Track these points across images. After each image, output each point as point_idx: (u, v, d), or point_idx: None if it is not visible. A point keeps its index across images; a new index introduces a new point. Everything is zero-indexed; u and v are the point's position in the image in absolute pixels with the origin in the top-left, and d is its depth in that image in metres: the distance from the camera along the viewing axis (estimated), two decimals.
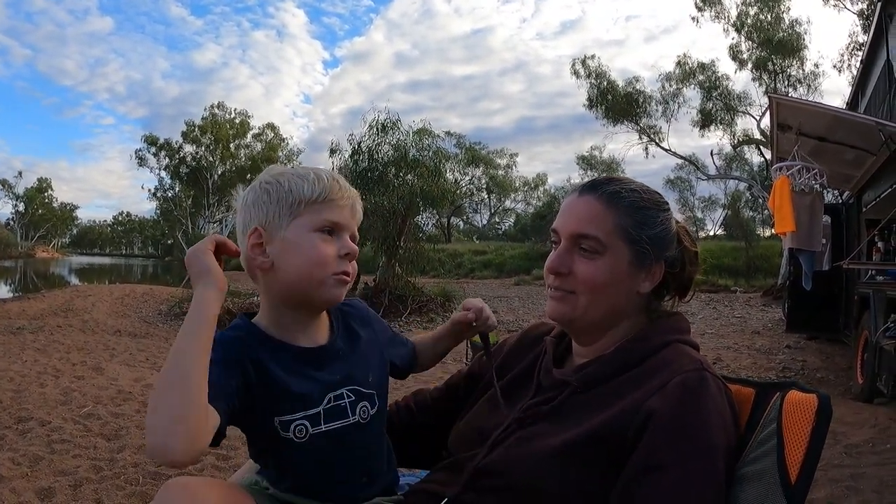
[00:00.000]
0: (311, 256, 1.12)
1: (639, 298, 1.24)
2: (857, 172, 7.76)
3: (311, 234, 1.13)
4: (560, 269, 1.22)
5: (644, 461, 1.01)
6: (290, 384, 1.12)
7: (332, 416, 1.16)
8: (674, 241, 1.25)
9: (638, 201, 1.22)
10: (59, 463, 3.65)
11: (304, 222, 1.13)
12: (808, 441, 0.96)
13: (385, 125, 14.99)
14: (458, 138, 46.58)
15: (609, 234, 1.19)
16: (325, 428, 1.15)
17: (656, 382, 1.09)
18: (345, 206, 1.17)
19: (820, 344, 9.61)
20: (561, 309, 1.23)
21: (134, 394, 5.42)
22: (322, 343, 1.21)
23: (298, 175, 1.15)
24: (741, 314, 14.75)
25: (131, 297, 15.97)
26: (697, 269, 1.31)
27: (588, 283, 1.19)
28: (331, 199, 1.14)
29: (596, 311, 1.21)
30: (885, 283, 6.11)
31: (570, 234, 1.21)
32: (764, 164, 25.73)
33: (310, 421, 1.13)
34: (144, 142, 53.14)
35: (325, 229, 1.14)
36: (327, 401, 1.16)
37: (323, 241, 1.13)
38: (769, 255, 24.66)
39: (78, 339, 8.84)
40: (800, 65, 23.53)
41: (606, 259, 1.19)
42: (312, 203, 1.13)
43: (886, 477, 3.85)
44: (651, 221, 1.21)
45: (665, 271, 1.24)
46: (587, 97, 26.72)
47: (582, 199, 1.23)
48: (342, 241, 1.16)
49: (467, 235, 57.18)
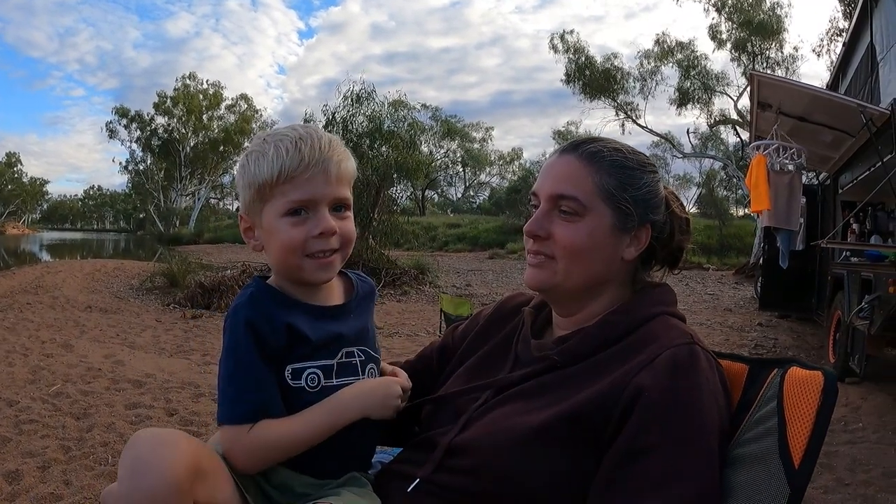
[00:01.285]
0: (282, 243, 1.09)
1: (623, 266, 1.17)
2: (834, 154, 7.81)
3: (280, 219, 1.08)
4: (538, 231, 1.15)
5: (633, 442, 0.96)
6: (308, 332, 1.09)
7: (344, 371, 1.14)
8: (661, 206, 1.18)
9: (621, 160, 1.15)
10: (27, 444, 3.55)
11: (273, 208, 1.08)
12: (813, 422, 0.91)
13: (360, 96, 14.88)
14: (433, 111, 46.57)
15: (589, 194, 1.12)
16: (336, 382, 1.12)
17: (643, 357, 1.03)
18: (313, 175, 1.07)
19: (791, 322, 9.77)
20: (540, 276, 1.17)
21: (104, 371, 5.31)
22: (337, 303, 1.18)
23: (261, 152, 1.08)
24: (713, 291, 14.94)
25: (102, 272, 15.69)
26: (688, 238, 1.24)
27: (567, 247, 1.13)
28: (291, 176, 1.06)
29: (577, 277, 1.14)
30: (859, 264, 6.18)
31: (548, 194, 1.15)
32: (739, 145, 25.98)
33: (323, 372, 1.11)
34: (115, 114, 52.31)
35: (292, 210, 1.08)
36: (341, 355, 1.14)
37: (292, 226, 1.08)
38: (742, 234, 25.01)
39: (48, 317, 8.65)
40: (779, 47, 23.68)
41: (587, 222, 1.12)
42: (275, 185, 1.07)
43: (858, 455, 3.92)
44: (636, 182, 1.14)
45: (651, 237, 1.17)
46: (565, 72, 26.68)
47: (562, 159, 1.17)
48: (315, 219, 1.08)
49: (441, 208, 57.13)
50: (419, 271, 14.46)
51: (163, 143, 51.64)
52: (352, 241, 1.14)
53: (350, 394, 1.11)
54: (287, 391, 1.08)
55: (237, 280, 10.71)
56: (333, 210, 1.11)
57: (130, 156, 54.74)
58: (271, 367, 1.07)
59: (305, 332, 1.09)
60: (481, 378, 1.24)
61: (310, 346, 1.10)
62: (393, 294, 12.57)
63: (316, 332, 1.11)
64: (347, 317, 1.17)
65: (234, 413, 1.05)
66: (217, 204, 66.57)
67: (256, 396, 1.05)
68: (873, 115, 5.66)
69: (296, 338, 1.08)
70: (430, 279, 14.47)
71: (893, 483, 3.52)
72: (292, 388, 1.08)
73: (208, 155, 52.61)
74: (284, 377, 1.08)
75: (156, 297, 11.54)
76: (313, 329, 1.10)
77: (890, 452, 3.98)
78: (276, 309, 1.09)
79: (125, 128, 52.02)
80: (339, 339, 1.14)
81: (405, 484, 1.11)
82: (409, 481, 1.11)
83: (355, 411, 1.09)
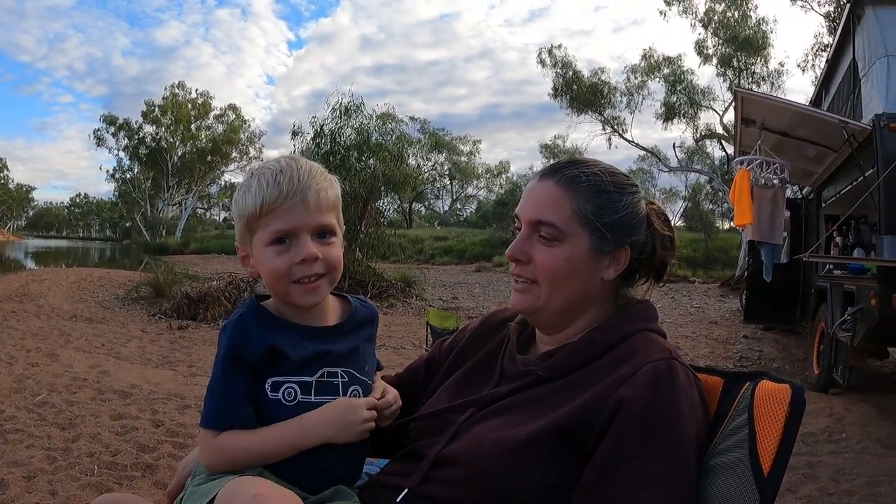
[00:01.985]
0: (269, 271, 1.15)
1: (604, 285, 1.20)
2: (817, 168, 7.91)
3: (265, 249, 1.14)
4: (519, 256, 1.20)
5: (614, 452, 0.99)
6: (288, 350, 1.14)
7: (324, 390, 1.17)
8: (641, 226, 1.20)
9: (598, 185, 1.18)
10: (12, 453, 3.52)
11: (259, 238, 1.15)
12: (781, 432, 0.95)
13: (348, 108, 14.90)
14: (421, 123, 46.66)
15: (567, 220, 1.16)
16: (315, 400, 1.16)
17: (624, 371, 1.07)
18: (292, 206, 1.12)
19: (776, 335, 9.84)
20: (524, 301, 1.21)
21: (89, 381, 5.28)
22: (328, 324, 1.23)
23: (248, 186, 1.15)
24: (699, 304, 15.03)
25: (88, 281, 15.57)
26: (672, 253, 1.27)
27: (547, 271, 1.16)
28: (272, 208, 1.12)
29: (558, 300, 1.18)
30: (842, 276, 6.25)
31: (528, 220, 1.19)
32: (725, 159, 26.18)
33: (300, 387, 1.15)
34: (103, 121, 52.02)
35: (276, 240, 1.14)
36: (321, 374, 1.17)
37: (276, 255, 1.14)
38: (727, 248, 25.18)
39: (33, 325, 8.58)
40: (764, 63, 23.91)
41: (565, 247, 1.15)
42: (259, 217, 1.13)
43: (842, 465, 3.96)
44: (613, 206, 1.17)
45: (632, 257, 1.20)
46: (552, 86, 26.78)
47: (541, 184, 1.20)
48: (297, 247, 1.13)
49: (429, 221, 57.14)
50: (406, 284, 14.47)
51: (150, 152, 51.37)
52: (337, 266, 1.19)
53: (314, 417, 1.14)
54: (265, 403, 1.14)
55: (223, 291, 10.66)
56: (317, 237, 1.16)
57: (118, 164, 54.46)
58: (247, 381, 1.13)
59: (286, 352, 1.14)
60: (468, 391, 1.26)
61: (290, 363, 1.15)
62: (379, 306, 12.55)
63: (298, 351, 1.15)
64: (338, 338, 1.21)
65: (205, 419, 1.14)
66: (204, 214, 66.35)
67: (226, 408, 1.13)
68: (855, 131, 5.75)
69: (277, 356, 1.14)
70: (416, 292, 14.48)
71: (877, 492, 3.56)
72: (270, 399, 1.14)
73: (196, 165, 52.37)
74: (264, 388, 1.14)
75: (141, 308, 11.48)
76: (296, 348, 1.15)
77: (873, 462, 4.03)
78: (260, 330, 1.14)
79: (113, 136, 51.81)
80: (322, 358, 1.18)
81: (393, 495, 1.13)
82: (397, 492, 1.13)
83: (317, 436, 1.13)
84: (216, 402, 1.13)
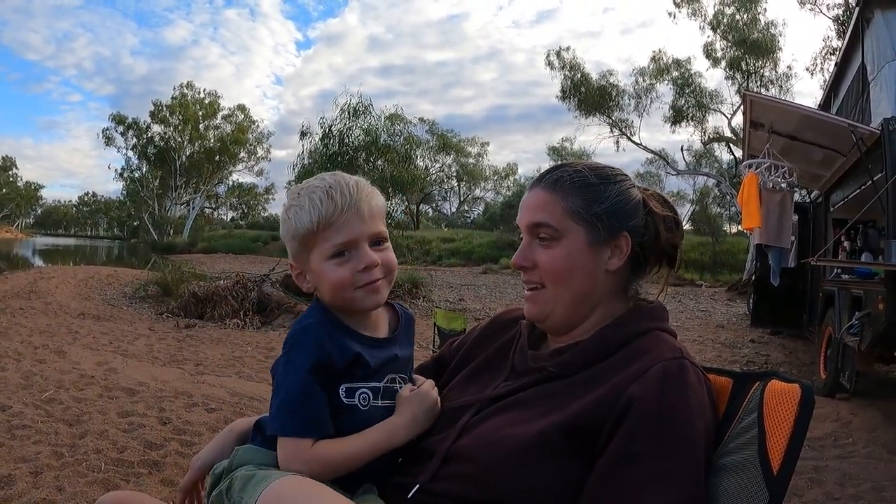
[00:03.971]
0: (332, 283, 1.18)
1: (610, 277, 1.21)
2: (826, 172, 7.88)
3: (326, 262, 1.18)
4: (523, 263, 1.23)
5: (624, 449, 0.99)
6: (365, 355, 1.19)
7: (388, 395, 1.23)
8: (637, 210, 1.22)
9: (582, 180, 1.21)
10: (20, 449, 3.54)
11: (318, 254, 1.18)
12: (790, 431, 0.95)
13: (357, 109, 14.94)
14: (429, 125, 46.67)
15: (560, 218, 1.18)
16: (381, 404, 1.21)
17: (635, 369, 1.07)
18: (348, 219, 1.16)
19: (783, 339, 9.81)
20: (535, 308, 1.23)
21: (97, 378, 5.30)
22: (384, 332, 1.29)
23: (299, 206, 1.18)
24: (706, 308, 14.99)
25: (96, 279, 15.62)
26: (679, 235, 1.27)
27: (550, 271, 1.19)
28: (329, 223, 1.16)
29: (565, 299, 1.19)
30: (850, 281, 6.23)
31: (526, 226, 1.23)
32: (733, 162, 26.11)
33: (372, 392, 1.21)
34: (112, 120, 52.17)
35: (337, 253, 1.17)
36: (388, 380, 1.24)
37: (338, 266, 1.17)
38: (735, 251, 25.11)
39: (40, 322, 8.62)
40: (773, 66, 23.91)
41: (563, 244, 1.18)
42: (317, 233, 1.16)
43: (848, 469, 3.94)
44: (601, 196, 1.19)
45: (634, 243, 1.21)
46: (560, 89, 26.85)
47: (531, 192, 1.25)
48: (358, 257, 1.17)
49: (436, 223, 57.19)
50: (413, 285, 14.47)
51: (158, 152, 51.52)
52: (394, 269, 1.24)
53: (401, 419, 1.20)
54: (340, 408, 1.17)
55: (230, 291, 10.66)
56: (373, 245, 1.20)
57: (126, 163, 54.61)
58: (327, 388, 1.16)
59: (367, 359, 1.19)
60: (478, 387, 1.27)
61: (367, 371, 1.20)
62: None
63: (371, 357, 1.21)
64: (394, 346, 1.28)
65: (294, 427, 1.13)
66: (211, 214, 66.47)
67: (317, 415, 1.14)
68: (864, 135, 5.73)
69: (358, 363, 1.19)
70: (423, 293, 14.49)
71: (883, 497, 3.54)
72: (346, 405, 1.18)
73: (204, 164, 52.55)
74: (338, 395, 1.17)
75: (149, 306, 11.53)
76: (371, 356, 1.21)
77: (880, 467, 4.01)
78: (342, 336, 1.19)
79: (122, 135, 51.98)
80: (389, 364, 1.25)
81: (404, 490, 1.14)
82: (408, 488, 1.14)
83: (409, 435, 1.20)
84: (309, 410, 1.13)
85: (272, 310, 10.41)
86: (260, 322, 9.93)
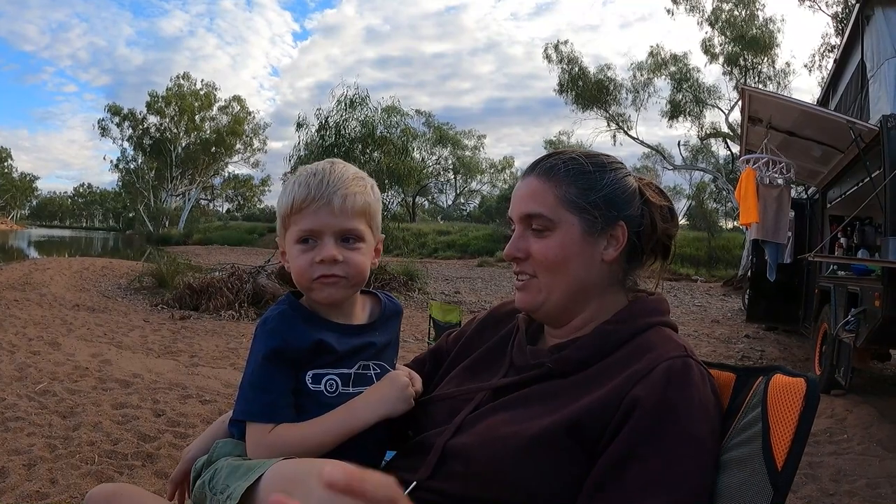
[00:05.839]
0: (294, 268, 1.20)
1: (607, 267, 1.18)
2: (823, 168, 7.88)
3: (293, 246, 1.20)
4: (516, 253, 1.20)
5: (627, 450, 0.98)
6: (332, 342, 1.19)
7: (360, 381, 1.22)
8: (633, 199, 1.19)
9: (577, 168, 1.18)
10: (13, 441, 3.52)
11: (290, 235, 1.20)
12: (795, 425, 0.94)
13: (353, 101, 14.93)
14: (426, 117, 46.65)
15: (553, 207, 1.16)
16: (353, 391, 1.21)
17: (640, 368, 1.05)
18: (319, 208, 1.16)
19: (778, 335, 9.84)
20: (526, 297, 1.20)
21: (91, 370, 5.28)
22: (360, 323, 1.28)
23: (285, 187, 1.21)
24: (701, 303, 15.03)
25: (90, 270, 15.58)
26: (674, 225, 1.25)
27: (543, 261, 1.16)
28: (300, 208, 1.17)
29: (559, 289, 1.17)
30: (846, 277, 6.24)
31: (518, 216, 1.20)
32: (730, 157, 26.16)
33: (340, 379, 1.21)
34: (107, 111, 52.11)
35: (302, 239, 1.18)
36: (358, 366, 1.23)
37: (301, 252, 1.19)
38: (730, 247, 25.20)
39: (35, 314, 8.58)
40: (771, 62, 23.92)
41: (557, 234, 1.15)
42: (291, 215, 1.18)
43: (843, 466, 3.95)
44: (596, 184, 1.17)
45: (630, 232, 1.18)
46: (558, 82, 26.85)
47: (524, 182, 1.22)
48: (319, 247, 1.17)
49: (432, 215, 57.19)
50: (408, 278, 14.46)
51: (154, 143, 51.46)
52: (360, 271, 1.22)
53: (366, 399, 1.18)
54: (306, 395, 1.18)
55: (226, 282, 10.61)
56: (342, 241, 1.19)
57: (122, 154, 54.65)
58: (289, 375, 1.17)
59: (332, 346, 1.19)
60: (476, 380, 1.25)
61: (333, 357, 1.20)
62: None
63: (342, 345, 1.21)
64: (372, 334, 1.27)
65: (253, 413, 1.16)
66: (207, 205, 66.38)
67: (277, 401, 1.15)
68: (862, 132, 5.72)
69: (323, 350, 1.19)
70: (419, 286, 14.49)
71: (877, 494, 3.55)
72: (311, 391, 1.18)
73: (199, 156, 52.47)
74: (305, 382, 1.18)
75: (144, 297, 11.48)
76: (339, 342, 1.21)
77: (874, 464, 4.02)
78: (304, 325, 1.19)
79: (117, 126, 51.93)
80: (361, 352, 1.24)
81: (402, 487, 1.12)
82: (405, 485, 1.11)
83: (374, 415, 1.17)
84: (264, 396, 1.15)
85: (267, 301, 10.36)
86: (255, 314, 9.89)
